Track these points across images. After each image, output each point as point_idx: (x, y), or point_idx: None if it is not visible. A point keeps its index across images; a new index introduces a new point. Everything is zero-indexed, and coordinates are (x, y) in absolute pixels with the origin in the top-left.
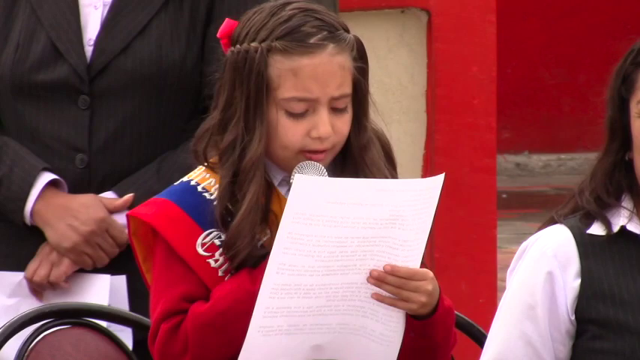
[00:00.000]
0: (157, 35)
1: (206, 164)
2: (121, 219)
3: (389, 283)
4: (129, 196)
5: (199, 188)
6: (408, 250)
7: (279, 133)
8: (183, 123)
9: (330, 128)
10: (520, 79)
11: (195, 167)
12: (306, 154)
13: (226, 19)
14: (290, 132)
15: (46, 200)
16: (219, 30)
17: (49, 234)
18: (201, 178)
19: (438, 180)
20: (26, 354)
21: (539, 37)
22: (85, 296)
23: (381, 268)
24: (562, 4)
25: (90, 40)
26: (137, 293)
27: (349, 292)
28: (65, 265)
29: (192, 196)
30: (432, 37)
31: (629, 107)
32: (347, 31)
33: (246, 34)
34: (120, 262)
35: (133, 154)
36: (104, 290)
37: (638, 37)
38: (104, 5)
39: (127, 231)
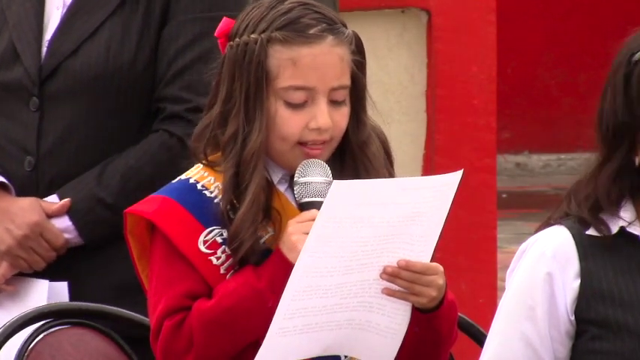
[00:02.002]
0: (107, 37)
1: (205, 162)
2: (59, 223)
3: (403, 278)
4: (65, 201)
5: (199, 186)
6: (422, 245)
7: (278, 123)
8: (136, 126)
9: (329, 119)
10: (520, 79)
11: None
12: (304, 148)
13: (224, 18)
14: (288, 123)
15: None
16: (217, 29)
17: None
18: (200, 177)
19: (456, 176)
20: (26, 354)
21: (539, 37)
22: (24, 300)
23: (394, 264)
24: (562, 4)
25: (47, 41)
26: (81, 299)
27: (361, 289)
28: (3, 268)
29: (192, 193)
30: (432, 37)
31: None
32: (345, 26)
33: (245, 27)
34: (63, 267)
35: (80, 157)
36: (42, 295)
37: None
38: (64, 6)
39: (63, 235)
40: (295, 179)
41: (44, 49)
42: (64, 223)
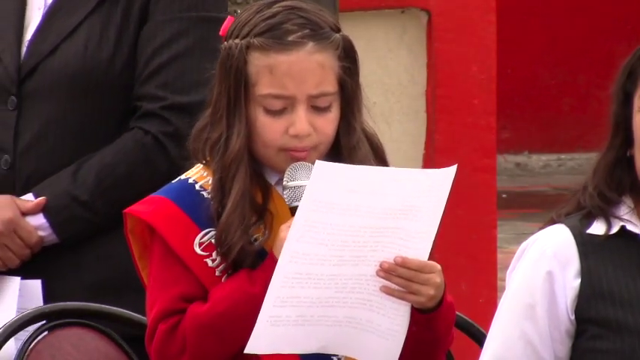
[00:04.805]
0: (85, 36)
1: (204, 162)
2: (34, 221)
3: (399, 276)
4: (41, 199)
5: (197, 187)
6: (418, 242)
7: (258, 130)
8: (114, 124)
9: (308, 126)
10: (520, 79)
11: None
12: (288, 152)
13: (229, 17)
14: (268, 129)
15: None
16: (222, 27)
17: None
18: (199, 177)
19: (450, 172)
20: (26, 354)
21: (539, 37)
22: None
23: (391, 260)
24: (562, 4)
25: (27, 41)
26: (55, 298)
27: (358, 285)
28: None
29: (190, 194)
30: (432, 37)
31: (633, 102)
32: (336, 30)
33: (234, 30)
34: (37, 265)
35: (57, 156)
36: (14, 292)
37: (639, 38)
38: (46, 7)
39: (38, 233)
40: (284, 183)
41: (24, 49)
42: (38, 220)
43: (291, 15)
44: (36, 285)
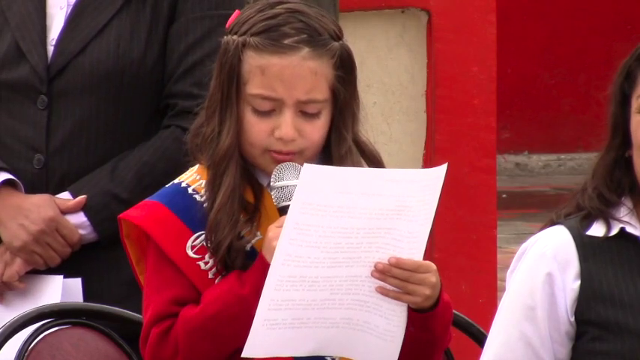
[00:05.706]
0: (116, 34)
1: (203, 162)
2: (74, 219)
3: (394, 276)
4: (81, 198)
5: (190, 190)
6: (412, 242)
7: (245, 128)
8: (145, 122)
9: (293, 131)
10: (520, 79)
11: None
12: (272, 154)
13: (236, 10)
14: (254, 129)
15: (1, 200)
16: (228, 21)
17: (2, 233)
18: (192, 180)
19: (441, 170)
20: (26, 354)
21: (539, 37)
22: (39, 297)
23: (385, 261)
24: (562, 4)
25: (53, 40)
26: (94, 296)
27: (353, 286)
28: (17, 265)
29: (182, 197)
30: (432, 37)
31: (631, 103)
32: (336, 38)
33: (234, 26)
34: (76, 264)
35: (90, 154)
36: (57, 291)
37: (639, 38)
38: (68, 5)
39: (78, 231)
40: (272, 184)
41: (50, 48)
42: (79, 219)
43: (291, 18)
44: (76, 283)
